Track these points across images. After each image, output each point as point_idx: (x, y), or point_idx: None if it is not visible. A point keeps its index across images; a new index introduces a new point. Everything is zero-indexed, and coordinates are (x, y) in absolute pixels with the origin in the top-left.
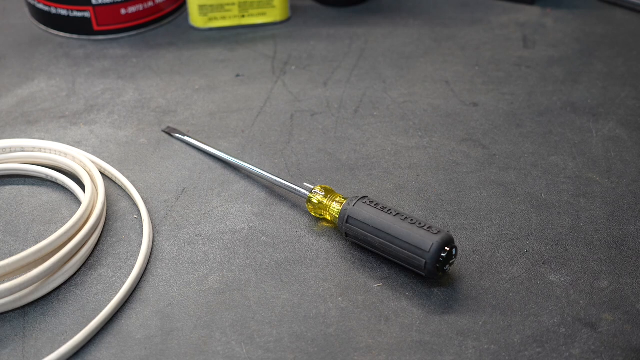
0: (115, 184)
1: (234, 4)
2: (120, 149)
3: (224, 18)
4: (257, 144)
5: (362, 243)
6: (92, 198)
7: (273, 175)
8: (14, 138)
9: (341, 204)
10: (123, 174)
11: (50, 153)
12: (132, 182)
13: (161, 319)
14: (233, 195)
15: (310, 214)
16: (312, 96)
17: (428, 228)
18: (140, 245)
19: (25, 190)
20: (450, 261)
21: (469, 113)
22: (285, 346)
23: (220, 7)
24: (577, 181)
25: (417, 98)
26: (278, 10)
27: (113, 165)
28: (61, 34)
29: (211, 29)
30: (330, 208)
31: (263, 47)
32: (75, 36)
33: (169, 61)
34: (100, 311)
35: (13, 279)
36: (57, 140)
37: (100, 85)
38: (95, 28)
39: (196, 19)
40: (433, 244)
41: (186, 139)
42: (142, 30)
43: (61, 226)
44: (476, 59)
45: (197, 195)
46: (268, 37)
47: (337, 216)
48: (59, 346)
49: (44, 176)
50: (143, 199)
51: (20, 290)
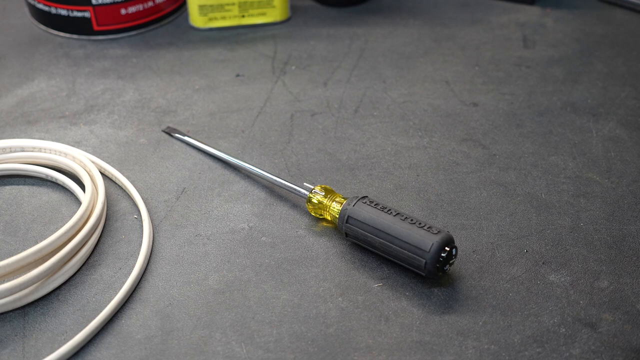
0: (115, 184)
1: (234, 4)
2: (120, 149)
3: (224, 18)
4: (257, 144)
5: (362, 243)
6: (92, 198)
7: (273, 175)
8: (14, 138)
9: (341, 204)
10: (123, 174)
11: (50, 153)
12: (132, 182)
13: (161, 319)
14: (233, 195)
15: (310, 214)
16: (312, 96)
17: (428, 228)
18: (140, 245)
19: (25, 190)
20: (450, 261)
21: (469, 113)
22: (285, 346)
23: (220, 7)
24: (577, 181)
25: (417, 98)
26: (278, 10)
27: (113, 165)
28: (61, 34)
29: (211, 29)
30: (330, 208)
31: (263, 47)
32: (75, 36)
33: (169, 61)
34: (100, 311)
35: (13, 279)
36: (57, 140)
37: (100, 85)
38: (95, 28)
39: (196, 19)
40: (433, 244)
41: (186, 139)
42: (142, 30)
43: (61, 226)
44: (476, 59)
45: (197, 195)
46: (268, 37)
47: (337, 216)
48: (59, 346)
49: (44, 176)
50: (143, 199)
51: (20, 290)
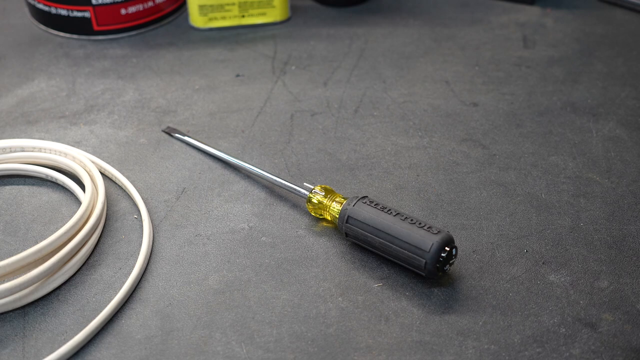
0: (115, 184)
1: (234, 4)
2: (120, 149)
3: (224, 18)
4: (257, 144)
5: (362, 243)
6: (92, 198)
7: (273, 175)
8: (14, 138)
9: (341, 204)
10: (123, 174)
11: (50, 153)
12: (132, 182)
13: (161, 319)
14: (233, 195)
15: (310, 214)
16: (312, 96)
17: (428, 228)
18: (140, 245)
19: (25, 190)
20: (450, 261)
21: (469, 113)
22: (285, 346)
23: (220, 7)
24: (577, 181)
25: (417, 98)
26: (278, 10)
27: (113, 165)
28: (61, 34)
29: (211, 29)
30: (330, 208)
31: (263, 47)
32: (75, 36)
33: (169, 61)
34: (100, 311)
35: (13, 279)
36: (57, 140)
37: (100, 85)
38: (95, 28)
39: (196, 19)
40: (433, 244)
41: (186, 139)
42: (142, 30)
43: (61, 226)
44: (476, 59)
45: (197, 195)
46: (268, 37)
47: (337, 216)
48: (59, 346)
49: (44, 176)
50: (143, 199)
51: (20, 290)
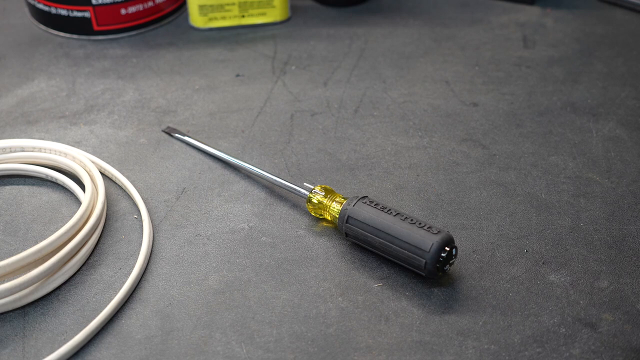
0: (115, 184)
1: (234, 4)
2: (120, 149)
3: (224, 18)
4: (257, 144)
5: (362, 243)
6: (92, 198)
7: (273, 175)
8: (14, 138)
9: (341, 204)
10: (123, 174)
11: (50, 153)
12: (132, 182)
13: (161, 319)
14: (233, 195)
15: (310, 214)
16: (312, 96)
17: (428, 228)
18: (140, 245)
19: (25, 190)
20: (450, 261)
21: (469, 113)
22: (285, 346)
23: (220, 7)
24: (577, 181)
25: (417, 98)
26: (278, 10)
27: (113, 165)
28: (61, 34)
29: (211, 29)
30: (330, 208)
31: (263, 47)
32: (75, 36)
33: (169, 61)
34: (100, 311)
35: (13, 279)
36: (57, 140)
37: (100, 85)
38: (95, 28)
39: (196, 19)
40: (433, 244)
41: (186, 139)
42: (142, 30)
43: (61, 226)
44: (476, 59)
45: (197, 195)
46: (268, 37)
47: (337, 216)
48: (59, 346)
49: (44, 176)
50: (143, 199)
51: (20, 290)
